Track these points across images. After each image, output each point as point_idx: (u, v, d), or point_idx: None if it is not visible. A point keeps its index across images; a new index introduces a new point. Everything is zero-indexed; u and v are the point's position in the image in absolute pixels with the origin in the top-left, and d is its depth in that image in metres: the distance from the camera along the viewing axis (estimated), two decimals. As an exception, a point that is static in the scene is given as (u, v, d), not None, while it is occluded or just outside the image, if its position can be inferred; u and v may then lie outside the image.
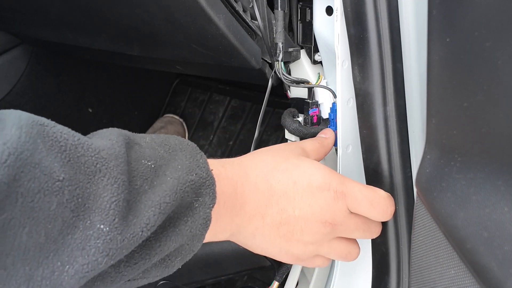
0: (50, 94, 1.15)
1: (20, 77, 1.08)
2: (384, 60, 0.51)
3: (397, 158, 0.54)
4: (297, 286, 0.71)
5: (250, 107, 1.34)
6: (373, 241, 0.58)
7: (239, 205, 0.47)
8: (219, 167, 0.46)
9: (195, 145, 0.44)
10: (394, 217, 0.54)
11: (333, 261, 0.69)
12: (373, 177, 0.55)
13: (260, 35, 0.60)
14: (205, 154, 0.45)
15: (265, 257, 0.86)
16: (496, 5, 0.41)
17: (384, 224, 0.55)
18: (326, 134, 0.59)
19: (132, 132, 0.44)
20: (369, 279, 0.59)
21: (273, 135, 1.27)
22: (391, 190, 0.54)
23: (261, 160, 0.51)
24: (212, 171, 0.42)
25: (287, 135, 0.66)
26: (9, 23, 0.95)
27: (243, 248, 0.88)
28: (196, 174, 0.40)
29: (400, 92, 0.52)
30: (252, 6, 0.59)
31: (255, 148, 0.58)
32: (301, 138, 0.64)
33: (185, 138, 1.37)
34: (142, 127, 1.36)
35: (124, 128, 0.42)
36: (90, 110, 1.24)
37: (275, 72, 0.61)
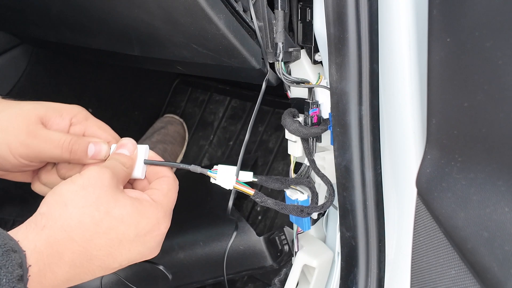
0: (50, 94, 1.15)
1: (20, 77, 1.08)
2: (362, 60, 0.52)
3: (369, 156, 0.55)
4: (297, 286, 0.71)
5: (250, 107, 1.34)
6: (342, 235, 0.60)
7: (53, 284, 0.44)
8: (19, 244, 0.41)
9: (6, 247, 0.40)
10: (364, 212, 0.56)
11: (333, 261, 0.69)
12: (345, 174, 0.56)
13: (260, 35, 0.60)
14: (205, 154, 0.44)
15: (265, 257, 0.86)
16: (496, 5, 0.41)
17: (354, 219, 0.57)
18: (128, 149, 0.55)
19: (133, 131, 0.43)
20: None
21: (273, 135, 1.27)
22: (362, 186, 0.56)
23: (77, 224, 0.45)
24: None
25: (287, 135, 0.66)
26: (9, 23, 0.95)
27: (243, 248, 0.88)
28: None
29: (375, 92, 0.53)
30: (254, 4, 0.59)
31: (245, 151, 0.57)
32: (302, 138, 0.64)
33: (185, 138, 1.37)
34: (142, 127, 1.36)
35: (124, 128, 0.42)
36: (90, 110, 1.23)
37: (267, 79, 0.61)
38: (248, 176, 0.57)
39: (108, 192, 0.47)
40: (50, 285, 0.43)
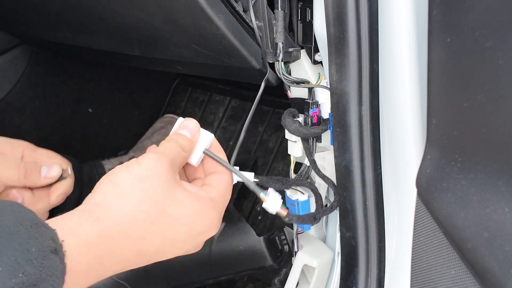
0: (50, 94, 1.15)
1: (20, 77, 1.08)
2: (362, 61, 0.52)
3: (369, 156, 0.55)
4: (297, 286, 0.71)
5: (250, 107, 1.33)
6: (342, 235, 0.60)
7: (100, 275, 0.43)
8: (71, 240, 0.40)
9: (36, 221, 0.38)
10: (364, 212, 0.56)
11: (333, 261, 0.69)
12: (345, 174, 0.56)
13: (260, 35, 0.60)
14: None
15: (265, 257, 0.86)
16: (496, 5, 0.41)
17: (354, 219, 0.57)
18: (190, 131, 0.53)
19: (133, 131, 0.43)
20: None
21: (273, 135, 1.27)
22: (362, 186, 0.56)
23: (132, 220, 0.44)
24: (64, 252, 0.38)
25: (287, 135, 0.66)
26: (9, 23, 0.95)
27: (243, 248, 0.88)
28: (24, 273, 0.35)
29: (375, 93, 0.53)
30: (254, 4, 0.59)
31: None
32: (302, 138, 0.64)
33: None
34: (142, 127, 1.36)
35: (124, 128, 0.41)
36: (90, 110, 1.24)
37: (267, 79, 0.61)
38: (249, 176, 0.57)
39: (165, 187, 0.46)
40: (97, 276, 0.43)
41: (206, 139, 0.53)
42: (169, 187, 0.46)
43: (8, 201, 0.40)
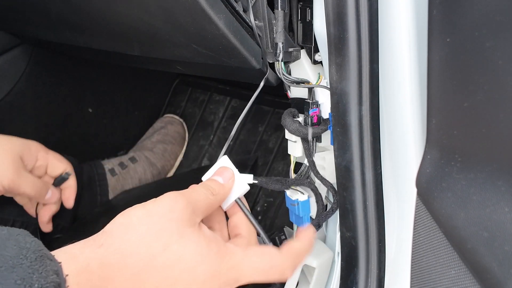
0: (50, 94, 1.15)
1: (20, 77, 1.08)
2: (362, 60, 0.52)
3: (369, 156, 0.55)
4: (297, 286, 0.71)
5: (250, 107, 1.33)
6: (342, 235, 0.60)
7: None
8: (73, 270, 0.39)
9: (41, 253, 0.37)
10: (364, 212, 0.56)
11: (333, 261, 0.69)
12: (345, 174, 0.56)
13: (260, 35, 0.60)
14: (205, 154, 0.44)
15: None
16: (496, 5, 0.41)
17: (354, 219, 0.57)
18: (223, 177, 0.53)
19: (133, 131, 0.42)
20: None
21: (273, 135, 1.27)
22: (362, 186, 0.56)
23: (134, 251, 0.42)
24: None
25: (287, 135, 0.66)
26: (9, 23, 0.95)
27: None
28: None
29: (375, 93, 0.53)
30: (253, 4, 0.59)
31: (227, 147, 0.57)
32: (302, 138, 0.64)
33: (185, 138, 1.37)
34: (142, 127, 1.36)
35: (124, 128, 0.41)
36: (90, 110, 1.24)
37: (267, 78, 0.61)
38: (248, 178, 0.57)
39: (174, 224, 0.44)
40: None
41: (242, 188, 0.55)
42: (179, 225, 0.44)
43: (15, 229, 0.40)
